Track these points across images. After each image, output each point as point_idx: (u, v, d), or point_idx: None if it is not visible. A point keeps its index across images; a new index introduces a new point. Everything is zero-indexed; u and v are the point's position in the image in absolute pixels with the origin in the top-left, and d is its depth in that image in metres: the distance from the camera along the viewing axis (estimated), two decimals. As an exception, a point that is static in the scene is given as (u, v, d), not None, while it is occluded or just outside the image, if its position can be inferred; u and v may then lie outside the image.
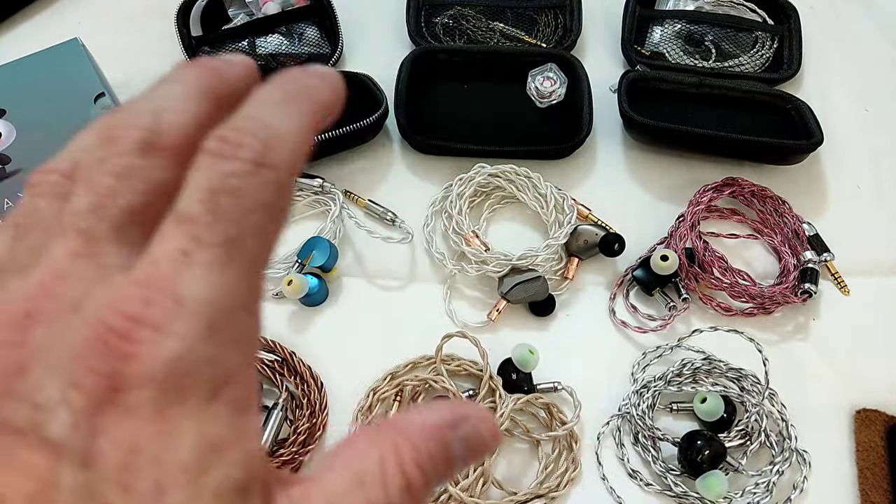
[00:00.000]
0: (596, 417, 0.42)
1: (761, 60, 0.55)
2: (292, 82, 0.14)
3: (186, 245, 0.11)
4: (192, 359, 0.11)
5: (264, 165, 0.12)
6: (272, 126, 0.12)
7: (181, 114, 0.13)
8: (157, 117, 0.13)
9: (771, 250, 0.48)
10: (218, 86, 0.13)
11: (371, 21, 0.58)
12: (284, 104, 0.13)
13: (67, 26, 0.56)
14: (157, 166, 0.12)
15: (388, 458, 0.12)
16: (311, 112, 0.13)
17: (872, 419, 0.43)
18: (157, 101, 0.13)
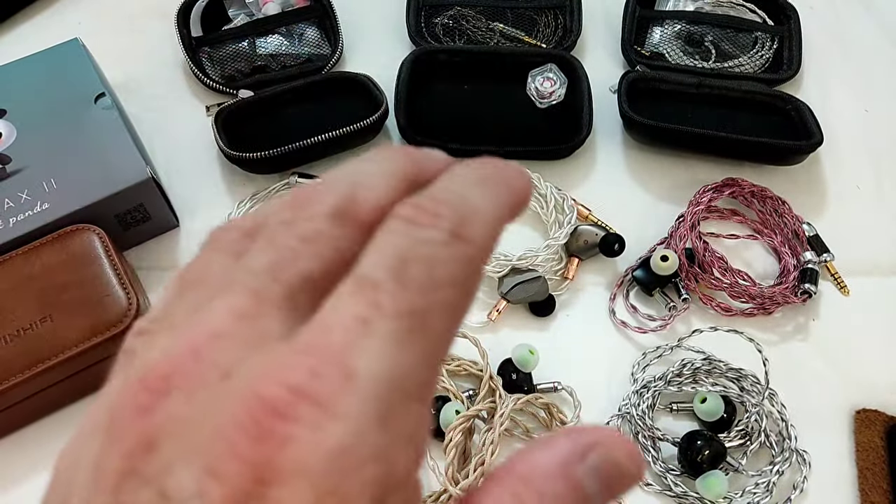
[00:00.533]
0: (596, 417, 0.42)
1: (761, 61, 0.55)
2: (490, 167, 0.13)
3: (366, 312, 0.10)
4: (360, 451, 0.09)
5: (461, 238, 0.11)
6: (471, 201, 0.12)
7: (376, 190, 0.12)
8: (353, 189, 0.12)
9: (771, 251, 0.48)
10: (416, 173, 0.13)
11: (371, 21, 0.58)
12: (483, 184, 0.13)
13: (68, 26, 0.56)
14: (344, 236, 0.12)
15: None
16: (507, 197, 0.13)
17: (872, 419, 0.43)
18: (354, 175, 0.12)
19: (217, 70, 0.54)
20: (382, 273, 0.10)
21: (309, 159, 0.50)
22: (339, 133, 0.48)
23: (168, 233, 0.48)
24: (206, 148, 0.51)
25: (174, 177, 0.50)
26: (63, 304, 0.39)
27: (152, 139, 0.51)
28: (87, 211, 0.42)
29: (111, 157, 0.44)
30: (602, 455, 0.12)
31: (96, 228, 0.42)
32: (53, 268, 0.40)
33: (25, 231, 0.41)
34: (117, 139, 0.45)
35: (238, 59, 0.54)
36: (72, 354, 0.38)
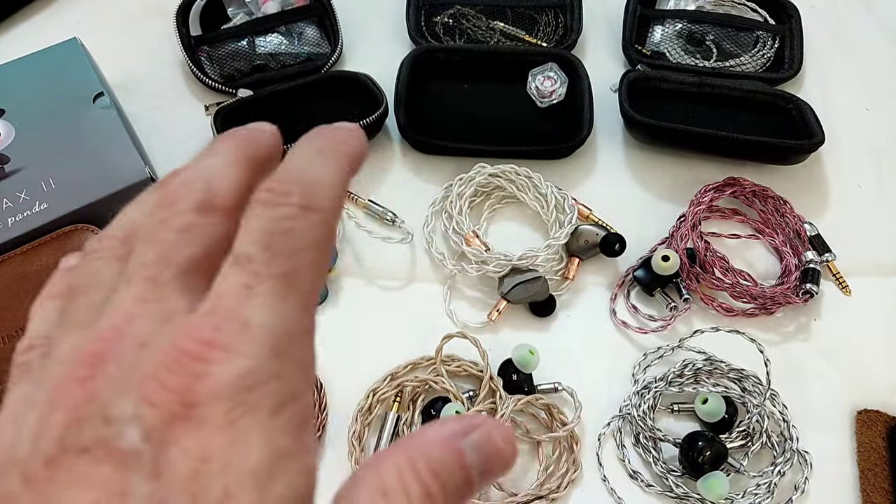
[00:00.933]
0: (597, 418, 0.42)
1: (762, 60, 0.55)
2: (323, 138, 0.15)
3: (248, 280, 0.13)
4: (260, 375, 0.12)
5: (309, 208, 0.13)
6: (312, 174, 0.14)
7: (227, 179, 0.14)
8: (209, 184, 0.14)
9: (772, 250, 0.48)
10: (253, 152, 0.15)
11: (371, 20, 0.58)
12: (319, 156, 0.15)
13: (66, 26, 0.56)
14: (213, 223, 0.14)
15: (404, 469, 0.13)
16: (344, 161, 0.15)
17: (874, 420, 0.42)
18: (203, 171, 0.14)
19: (216, 69, 0.53)
20: (254, 249, 0.13)
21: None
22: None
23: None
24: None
25: (173, 176, 0.49)
26: (61, 304, 0.39)
27: (151, 139, 0.51)
28: (86, 211, 0.42)
29: (110, 156, 0.44)
30: (483, 433, 0.14)
31: (95, 228, 0.42)
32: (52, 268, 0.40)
33: (24, 231, 0.41)
34: (116, 139, 0.45)
35: (237, 58, 0.54)
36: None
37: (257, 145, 0.15)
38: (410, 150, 0.51)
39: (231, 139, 0.15)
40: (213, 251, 0.14)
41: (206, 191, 0.14)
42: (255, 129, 0.16)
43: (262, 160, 0.15)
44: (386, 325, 0.45)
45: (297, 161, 0.14)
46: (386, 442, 0.40)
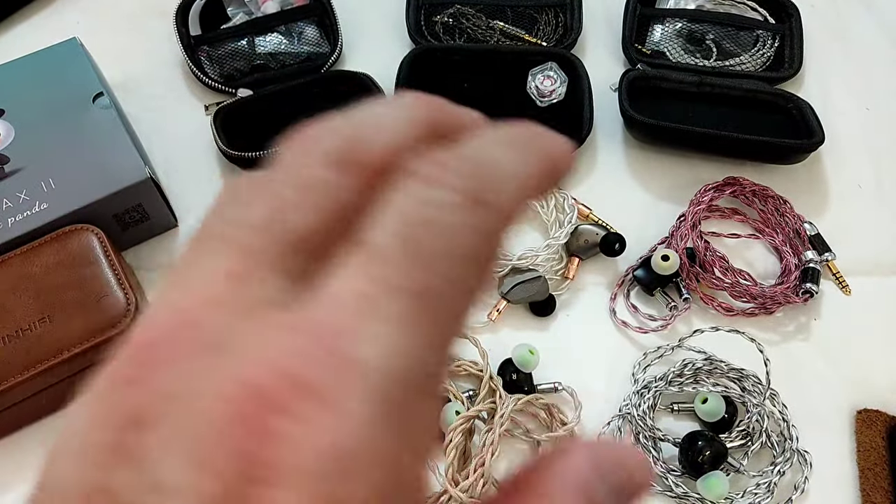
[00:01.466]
0: (596, 418, 0.42)
1: (762, 59, 0.55)
2: (525, 130, 0.12)
3: (371, 288, 0.09)
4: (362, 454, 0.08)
5: (482, 203, 0.10)
6: (499, 163, 0.10)
7: (390, 132, 0.10)
8: (360, 130, 0.10)
9: (772, 250, 0.48)
10: (438, 123, 0.11)
11: (370, 20, 0.58)
12: (514, 147, 0.11)
13: (66, 26, 0.56)
14: (347, 186, 0.10)
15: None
16: (540, 164, 0.11)
17: (874, 419, 0.42)
18: (367, 116, 0.11)
19: (216, 69, 0.53)
20: (391, 241, 0.09)
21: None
22: (339, 132, 0.47)
23: (167, 233, 0.48)
24: (204, 147, 0.51)
25: (173, 176, 0.49)
26: (62, 304, 0.39)
27: (151, 139, 0.51)
28: (86, 211, 0.42)
29: (109, 156, 0.44)
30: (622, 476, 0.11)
31: (95, 228, 0.42)
32: (52, 268, 0.40)
33: (24, 231, 0.41)
34: (116, 139, 0.45)
35: (237, 57, 0.54)
36: (70, 355, 0.38)
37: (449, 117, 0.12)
38: (410, 150, 0.51)
39: (419, 98, 0.12)
40: (335, 227, 0.10)
41: (353, 137, 0.10)
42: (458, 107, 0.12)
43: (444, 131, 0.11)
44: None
45: (482, 142, 0.11)
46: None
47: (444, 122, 0.11)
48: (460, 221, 0.09)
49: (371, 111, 0.11)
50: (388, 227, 0.09)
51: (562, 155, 0.12)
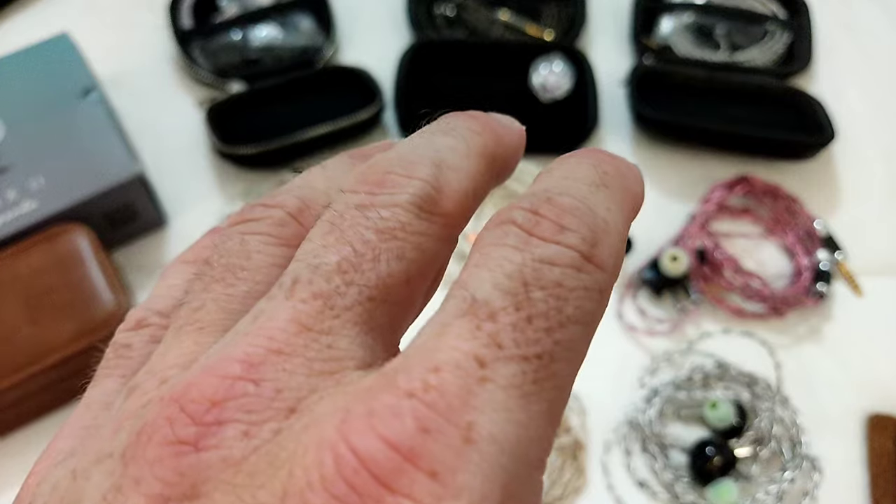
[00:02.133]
0: (602, 424, 0.41)
1: (772, 54, 0.54)
2: (608, 164, 0.11)
3: (483, 351, 0.08)
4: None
5: (592, 261, 0.09)
6: (598, 212, 0.09)
7: (464, 174, 0.10)
8: (440, 171, 0.10)
9: (783, 250, 0.47)
10: (496, 151, 0.11)
11: (369, 11, 0.56)
12: (606, 190, 0.10)
13: (57, 21, 0.55)
14: (430, 234, 0.09)
15: None
16: (630, 208, 0.10)
17: (885, 425, 0.42)
18: (435, 152, 0.10)
19: (209, 63, 0.52)
20: (500, 298, 0.08)
21: (304, 154, 0.48)
22: (336, 127, 0.46)
23: (157, 232, 0.46)
24: (196, 144, 0.49)
25: (164, 174, 0.48)
26: (50, 306, 0.38)
27: (142, 135, 0.49)
28: (76, 209, 0.41)
29: (100, 153, 0.43)
30: None
31: (84, 228, 0.41)
32: (40, 269, 0.40)
33: (13, 231, 0.40)
34: (106, 135, 0.43)
35: (231, 51, 0.52)
36: (59, 358, 0.38)
37: (504, 143, 0.11)
38: (410, 147, 0.50)
39: (473, 120, 0.11)
40: (418, 279, 0.09)
41: (434, 180, 0.09)
42: (503, 121, 0.12)
43: (500, 166, 0.11)
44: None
45: (574, 185, 0.10)
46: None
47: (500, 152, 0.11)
48: (573, 282, 0.08)
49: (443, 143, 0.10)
50: (495, 282, 0.08)
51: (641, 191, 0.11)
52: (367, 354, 0.08)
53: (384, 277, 0.09)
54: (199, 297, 0.10)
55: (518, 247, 0.09)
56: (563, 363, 0.08)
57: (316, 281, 0.09)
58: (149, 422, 0.08)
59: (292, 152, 0.47)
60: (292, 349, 0.08)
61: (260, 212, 0.10)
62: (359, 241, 0.09)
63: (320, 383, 0.08)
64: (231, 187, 0.48)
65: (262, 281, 0.10)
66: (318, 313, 0.08)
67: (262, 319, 0.08)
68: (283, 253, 0.10)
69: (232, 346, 0.08)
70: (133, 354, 0.10)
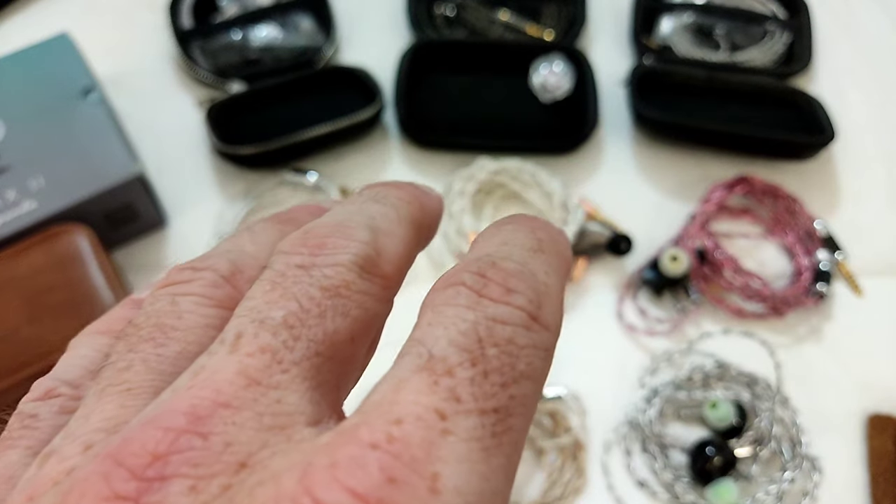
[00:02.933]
0: (602, 424, 0.41)
1: (772, 54, 0.54)
2: (542, 231, 0.11)
3: (443, 405, 0.08)
4: None
5: (538, 321, 0.09)
6: (539, 277, 0.10)
7: (398, 239, 0.10)
8: (376, 236, 0.10)
9: (783, 250, 0.47)
10: (422, 219, 0.11)
11: (369, 12, 0.56)
12: (542, 255, 0.10)
13: (56, 20, 0.55)
14: (372, 294, 0.10)
15: None
16: (564, 271, 0.11)
17: (885, 425, 0.42)
18: (372, 217, 0.10)
19: (209, 63, 0.52)
20: (456, 354, 0.08)
21: (304, 154, 0.48)
22: (336, 127, 0.46)
23: (157, 232, 0.46)
24: (196, 143, 0.49)
25: (164, 173, 0.48)
26: (50, 306, 0.38)
27: (142, 134, 0.49)
28: (76, 209, 0.41)
29: (100, 153, 0.43)
30: None
31: (84, 228, 0.41)
32: (40, 269, 0.39)
33: (13, 231, 0.40)
34: (106, 135, 0.43)
35: (231, 51, 0.52)
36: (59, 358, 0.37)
37: (427, 211, 0.12)
38: (408, 146, 0.50)
39: (401, 190, 0.11)
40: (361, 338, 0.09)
41: (373, 244, 0.10)
42: (425, 190, 0.12)
43: (426, 233, 0.12)
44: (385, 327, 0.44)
45: (514, 251, 0.10)
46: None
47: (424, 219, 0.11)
48: (524, 340, 0.09)
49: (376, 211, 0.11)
50: (451, 339, 0.09)
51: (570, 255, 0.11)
52: (315, 411, 0.08)
53: (330, 334, 0.09)
54: (126, 357, 0.09)
55: (470, 306, 0.09)
56: (519, 418, 0.09)
57: (262, 335, 0.09)
58: (79, 480, 0.07)
59: (292, 152, 0.47)
60: (241, 402, 0.08)
61: (189, 274, 0.10)
62: (304, 297, 0.09)
63: (271, 438, 0.08)
64: (231, 187, 0.48)
65: (194, 342, 0.09)
66: (266, 367, 0.08)
67: (206, 374, 0.08)
68: (217, 314, 0.10)
69: (174, 400, 0.08)
70: (40, 425, 0.10)
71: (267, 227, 0.12)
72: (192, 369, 0.08)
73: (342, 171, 0.49)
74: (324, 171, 0.48)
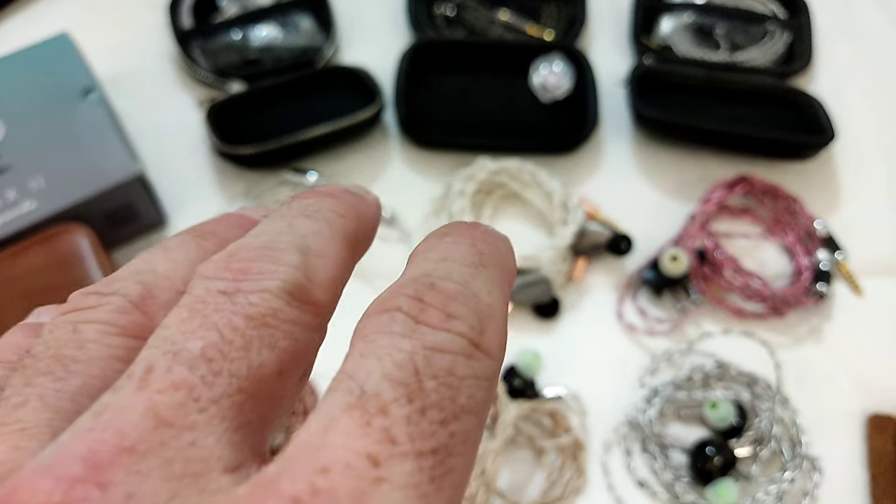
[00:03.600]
0: (602, 424, 0.41)
1: (772, 53, 0.54)
2: (483, 242, 0.10)
3: (376, 449, 0.07)
4: None
5: (480, 348, 0.09)
6: (482, 298, 0.09)
7: (331, 261, 0.09)
8: (307, 259, 0.09)
9: (783, 250, 0.47)
10: (357, 230, 0.11)
11: (368, 12, 0.56)
12: (484, 270, 0.10)
13: (56, 20, 0.55)
14: (302, 323, 0.09)
15: None
16: (508, 284, 0.10)
17: (885, 425, 0.42)
18: (302, 237, 0.09)
19: (209, 63, 0.52)
20: (391, 389, 0.08)
21: (304, 154, 0.48)
22: (336, 127, 0.46)
23: (157, 232, 0.46)
24: (196, 143, 0.49)
25: (164, 174, 0.48)
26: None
27: (142, 134, 0.49)
28: (76, 209, 0.41)
29: (100, 153, 0.43)
30: None
31: (84, 228, 0.41)
32: (40, 269, 0.39)
33: (13, 231, 0.40)
34: (106, 135, 0.44)
35: (231, 51, 0.52)
36: (59, 360, 0.37)
37: (362, 221, 0.11)
38: (409, 146, 0.50)
39: (334, 200, 0.11)
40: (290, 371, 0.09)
41: (303, 268, 0.09)
42: (362, 196, 0.11)
43: (361, 245, 0.11)
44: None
45: (453, 270, 0.09)
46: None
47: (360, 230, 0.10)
48: (465, 371, 0.08)
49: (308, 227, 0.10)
50: (385, 372, 0.08)
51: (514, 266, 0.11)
52: (234, 456, 0.08)
53: (255, 368, 0.08)
54: (21, 392, 0.08)
55: (406, 334, 0.08)
56: (459, 458, 0.08)
57: (176, 369, 0.08)
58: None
59: (292, 152, 0.47)
60: (147, 447, 0.07)
61: (94, 300, 0.09)
62: (227, 327, 0.08)
63: (181, 489, 0.07)
64: (231, 187, 0.48)
65: (98, 375, 0.09)
66: (179, 405, 0.07)
67: (109, 413, 0.07)
68: (125, 343, 0.09)
69: (72, 443, 0.07)
70: None
71: (184, 242, 0.11)
72: (93, 409, 0.08)
73: (342, 171, 0.49)
74: (324, 170, 0.48)
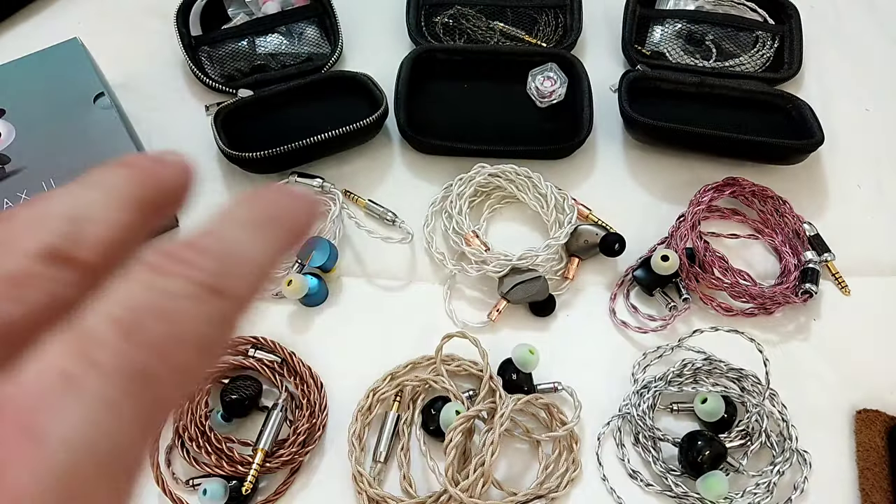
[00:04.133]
0: (596, 418, 0.42)
1: (762, 60, 0.55)
2: (267, 202, 0.11)
3: (74, 368, 0.08)
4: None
5: (218, 293, 0.10)
6: (236, 249, 0.10)
7: (103, 224, 0.10)
8: (73, 225, 0.10)
9: (771, 250, 0.48)
10: (150, 192, 0.11)
11: (371, 20, 0.58)
12: (255, 227, 0.11)
13: (67, 26, 0.56)
14: (62, 280, 0.10)
15: None
16: (282, 241, 0.11)
17: (873, 419, 0.43)
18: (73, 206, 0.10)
19: (216, 69, 0.53)
20: (106, 325, 0.09)
21: (309, 159, 0.49)
22: (339, 132, 0.48)
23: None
24: (205, 148, 0.51)
25: (174, 176, 0.49)
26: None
27: (151, 139, 0.51)
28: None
29: (110, 156, 0.44)
30: None
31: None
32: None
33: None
34: (116, 139, 0.45)
35: (237, 58, 0.54)
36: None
37: (158, 182, 0.11)
38: (410, 151, 0.51)
39: (123, 168, 0.11)
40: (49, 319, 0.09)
41: (64, 234, 0.10)
42: (161, 159, 0.12)
43: (160, 205, 0.11)
44: (386, 324, 0.45)
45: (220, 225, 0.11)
46: (386, 442, 0.40)
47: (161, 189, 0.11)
48: (192, 310, 0.09)
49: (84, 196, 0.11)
50: (106, 312, 0.09)
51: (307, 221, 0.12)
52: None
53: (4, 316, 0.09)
54: None
55: (140, 281, 0.09)
56: (166, 384, 0.09)
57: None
58: None
59: (298, 157, 0.48)
60: None
61: None
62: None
63: None
64: (238, 191, 0.50)
65: None
66: None
67: None
68: None
69: None
70: None
71: None
72: None
73: (347, 175, 0.50)
74: (329, 175, 0.50)
